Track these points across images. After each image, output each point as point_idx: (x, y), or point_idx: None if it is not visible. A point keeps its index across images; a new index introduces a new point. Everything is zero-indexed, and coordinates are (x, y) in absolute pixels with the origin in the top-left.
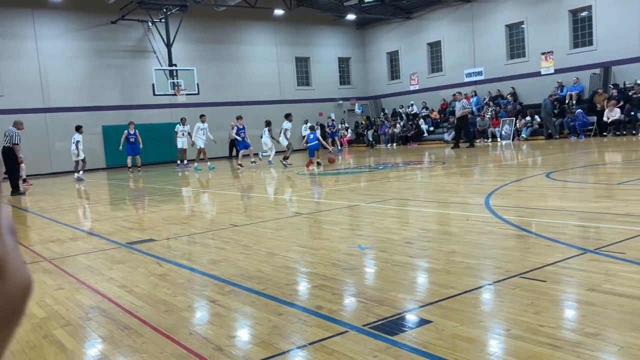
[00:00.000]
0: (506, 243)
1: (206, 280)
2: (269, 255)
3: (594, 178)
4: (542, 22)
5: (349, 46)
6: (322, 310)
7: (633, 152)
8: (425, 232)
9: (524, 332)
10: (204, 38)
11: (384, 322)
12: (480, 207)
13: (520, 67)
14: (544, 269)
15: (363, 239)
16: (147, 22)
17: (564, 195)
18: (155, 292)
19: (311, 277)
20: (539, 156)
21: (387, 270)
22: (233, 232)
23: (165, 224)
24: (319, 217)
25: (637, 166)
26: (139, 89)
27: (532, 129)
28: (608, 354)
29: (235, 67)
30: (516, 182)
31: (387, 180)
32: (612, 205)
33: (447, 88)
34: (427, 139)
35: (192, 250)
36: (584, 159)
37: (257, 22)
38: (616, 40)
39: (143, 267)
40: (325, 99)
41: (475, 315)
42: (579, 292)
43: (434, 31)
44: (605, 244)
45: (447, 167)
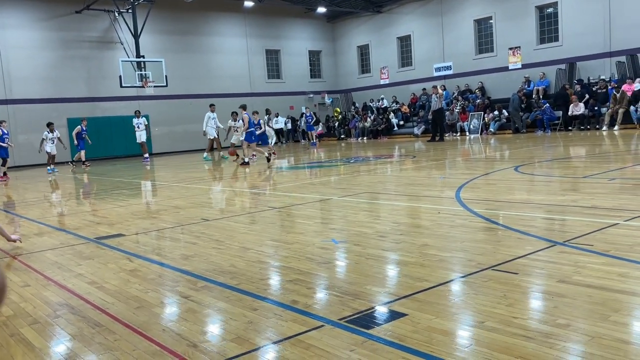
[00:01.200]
0: (477, 236)
1: (178, 275)
2: (242, 250)
3: (561, 172)
4: (510, 18)
5: (320, 39)
6: (297, 304)
7: (597, 146)
8: (397, 226)
9: (498, 324)
10: (173, 29)
11: (360, 315)
12: (451, 201)
13: (489, 62)
14: (515, 262)
15: (337, 233)
16: (114, 12)
17: (532, 189)
18: (126, 288)
19: (286, 272)
20: (507, 150)
21: (361, 264)
22: (204, 226)
23: (135, 219)
24: (292, 211)
25: (601, 160)
26: (105, 81)
27: (500, 123)
28: (579, 344)
29: (205, 59)
30: (485, 175)
31: (359, 174)
32: (579, 198)
33: (417, 82)
34: (398, 132)
35: (163, 245)
36: (550, 152)
37: (226, 13)
38: (581, 36)
39: (113, 262)
40: (296, 92)
41: (449, 307)
42: (549, 284)
43: (403, 25)
44: (573, 236)
45: (417, 161)
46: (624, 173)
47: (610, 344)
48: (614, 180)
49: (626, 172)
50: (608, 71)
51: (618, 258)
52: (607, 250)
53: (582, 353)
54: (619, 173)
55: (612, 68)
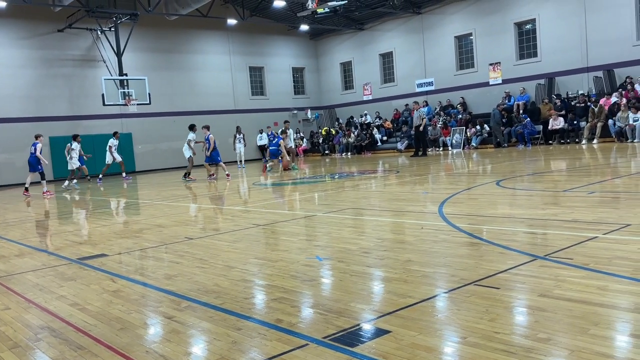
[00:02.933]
0: (460, 251)
1: (161, 295)
2: (226, 269)
3: (542, 185)
4: (490, 34)
5: (303, 56)
6: (281, 323)
7: (577, 160)
8: (381, 242)
9: (480, 339)
10: (156, 47)
11: (344, 333)
12: (434, 216)
13: (469, 78)
14: (497, 276)
15: (321, 250)
16: (96, 31)
17: (513, 203)
18: (109, 310)
19: (270, 290)
20: (489, 164)
21: (345, 281)
22: (188, 245)
23: (117, 238)
24: (276, 228)
25: (581, 174)
26: (88, 99)
27: (482, 138)
28: (560, 358)
29: (188, 77)
30: (467, 190)
31: (343, 189)
32: (560, 212)
33: (400, 98)
34: (381, 148)
35: (146, 265)
36: (531, 166)
37: (210, 31)
38: (559, 52)
39: (95, 283)
40: (279, 108)
41: (432, 323)
42: (531, 298)
43: (385, 42)
44: (554, 250)
45: (400, 176)
46: (603, 186)
47: (590, 357)
48: (594, 194)
49: (605, 185)
50: (586, 86)
51: (597, 271)
52: (587, 263)
53: None
54: (598, 186)
55: (590, 83)
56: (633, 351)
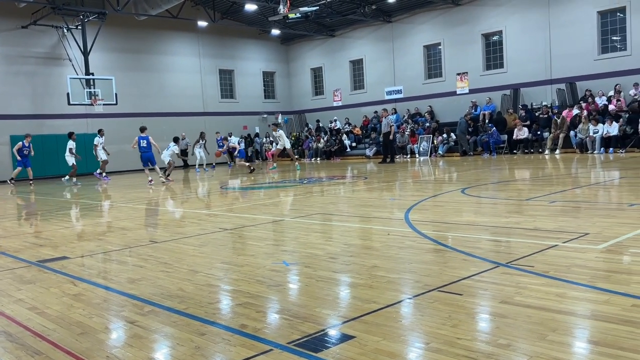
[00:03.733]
0: (425, 257)
1: (124, 300)
2: (190, 273)
3: (505, 194)
4: (458, 44)
5: (274, 60)
6: (246, 328)
7: (540, 169)
8: (348, 247)
9: (443, 345)
10: (124, 47)
11: (309, 339)
12: (400, 222)
13: (437, 87)
14: (460, 283)
15: (288, 255)
16: (62, 29)
17: (478, 210)
18: (69, 314)
19: (235, 295)
20: (455, 172)
21: (311, 286)
22: (153, 248)
23: (80, 241)
24: (243, 232)
25: (543, 183)
26: (53, 98)
27: (448, 146)
28: None
29: (157, 78)
30: (433, 197)
31: (312, 194)
32: (522, 220)
33: (369, 105)
34: (350, 154)
35: (109, 269)
36: (496, 175)
37: (180, 32)
38: (524, 64)
39: (56, 287)
40: (249, 112)
41: (396, 329)
42: (492, 305)
43: (356, 49)
44: (515, 257)
45: (369, 182)
46: (564, 196)
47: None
48: (555, 203)
49: (566, 195)
50: (549, 97)
51: (556, 279)
52: (547, 271)
53: None
54: (559, 196)
55: (553, 95)
56: (589, 357)
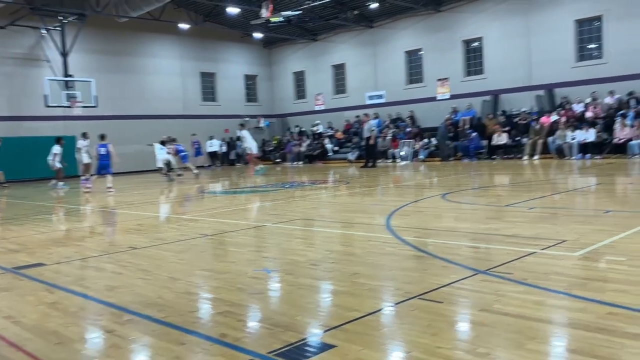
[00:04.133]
0: (406, 264)
1: (102, 308)
2: (170, 280)
3: (485, 200)
4: (439, 50)
5: (256, 64)
6: (226, 338)
7: (519, 175)
8: (330, 254)
9: (423, 353)
10: (104, 49)
11: (290, 348)
12: (381, 228)
13: (418, 92)
14: (440, 290)
15: (269, 262)
16: (41, 29)
17: (458, 217)
18: (45, 323)
19: (215, 303)
20: (436, 177)
21: (293, 294)
22: (132, 255)
23: (57, 246)
24: (225, 238)
25: (523, 189)
26: (30, 100)
27: (429, 151)
28: None
29: (138, 80)
30: (414, 202)
31: (294, 199)
32: (501, 227)
33: (351, 109)
34: (332, 158)
35: (87, 276)
36: (476, 181)
37: (161, 35)
38: (504, 70)
39: (31, 294)
40: (231, 115)
41: (377, 338)
42: (472, 313)
43: (338, 54)
44: (495, 264)
45: (350, 187)
46: (543, 202)
47: None
48: (534, 209)
49: (545, 201)
50: (528, 104)
51: (534, 286)
52: (525, 278)
53: None
54: (538, 202)
55: (532, 101)
56: None
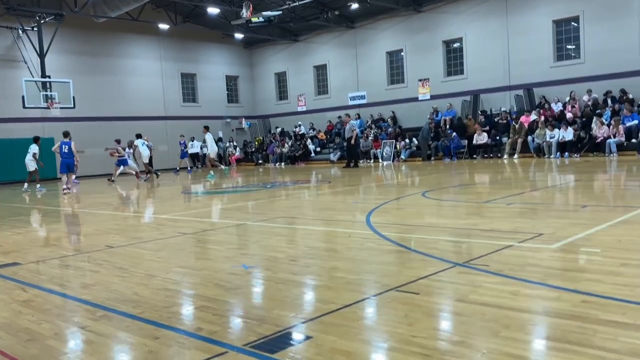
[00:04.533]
0: (384, 258)
1: (76, 305)
2: (147, 277)
3: (465, 197)
4: (419, 51)
5: (237, 65)
6: (201, 332)
7: (498, 173)
8: (309, 250)
9: (398, 343)
10: (82, 50)
11: (265, 340)
12: (361, 224)
13: (400, 93)
14: (417, 282)
15: (248, 258)
16: (17, 30)
17: (437, 213)
18: (17, 320)
19: (192, 299)
20: (417, 176)
21: (270, 289)
22: (108, 253)
23: (33, 246)
24: (204, 236)
25: (501, 186)
26: (7, 101)
27: (411, 151)
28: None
29: (116, 81)
30: (395, 200)
31: (275, 198)
32: (480, 222)
33: (333, 110)
34: (315, 158)
35: (62, 274)
36: (456, 179)
37: (140, 35)
38: (484, 70)
39: (4, 293)
40: (212, 116)
41: (353, 329)
42: (448, 303)
43: (320, 54)
44: (471, 257)
45: (332, 186)
46: (521, 198)
47: (499, 358)
48: (512, 205)
49: (523, 197)
50: (508, 103)
51: (510, 277)
52: (501, 270)
53: None
54: (516, 198)
55: (512, 101)
56: (539, 351)
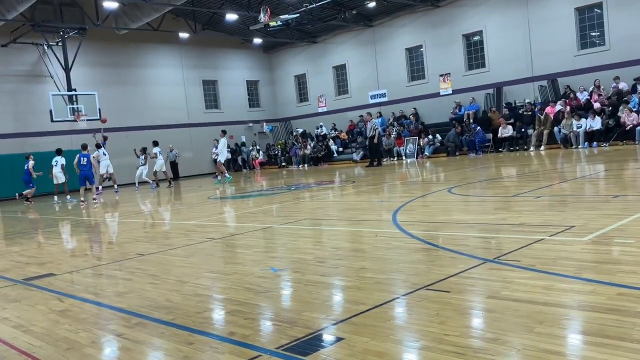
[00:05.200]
0: (412, 257)
1: (111, 313)
2: (178, 284)
3: (492, 191)
4: (439, 46)
5: (257, 69)
6: (234, 336)
7: (525, 166)
8: (336, 251)
9: (431, 342)
10: (106, 62)
11: (297, 342)
12: (388, 223)
13: (421, 89)
14: (447, 280)
15: (276, 261)
16: (43, 46)
17: (465, 209)
18: (55, 330)
19: (223, 303)
20: (442, 173)
21: (300, 291)
22: (140, 261)
23: (67, 257)
24: (232, 241)
25: (529, 179)
26: (35, 116)
27: (434, 147)
28: (507, 357)
29: (140, 91)
30: (421, 197)
31: (300, 200)
32: (508, 216)
33: (354, 109)
34: (337, 159)
35: (96, 283)
36: (482, 174)
37: (161, 45)
38: (505, 62)
39: (42, 304)
40: (235, 121)
41: (385, 329)
42: (479, 300)
43: (338, 55)
44: (502, 253)
45: (356, 186)
46: (550, 191)
47: (535, 354)
48: (541, 198)
49: (552, 189)
50: (532, 95)
51: (543, 272)
52: (533, 264)
53: None
54: (545, 191)
55: (536, 92)
56: (576, 346)
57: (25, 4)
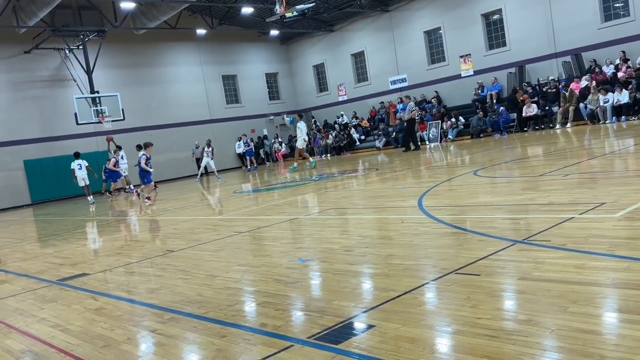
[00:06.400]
0: (440, 242)
1: (144, 310)
2: (208, 278)
3: (519, 172)
4: (458, 27)
5: (275, 61)
6: (266, 327)
7: (551, 144)
8: (363, 239)
9: (463, 326)
10: (126, 62)
11: (329, 331)
12: (414, 209)
13: (441, 71)
14: (477, 263)
15: (304, 252)
16: (64, 50)
17: (491, 191)
18: (91, 328)
19: (254, 295)
20: (467, 155)
21: (328, 280)
22: (170, 257)
23: (98, 256)
24: (259, 233)
25: (556, 158)
26: (61, 119)
27: (458, 130)
28: (541, 337)
29: (161, 90)
30: (446, 181)
31: (324, 190)
32: (536, 196)
33: (374, 96)
34: (360, 147)
35: (129, 281)
36: (508, 154)
37: (179, 42)
38: (527, 40)
39: (77, 303)
40: (256, 115)
41: (415, 315)
42: (510, 282)
43: (356, 42)
44: (532, 233)
45: (380, 173)
46: (578, 168)
47: (569, 334)
48: (569, 176)
49: (580, 167)
50: (555, 71)
51: (574, 251)
52: (564, 244)
53: (543, 346)
54: (573, 169)
55: (559, 68)
56: (612, 325)
57: (45, 10)
